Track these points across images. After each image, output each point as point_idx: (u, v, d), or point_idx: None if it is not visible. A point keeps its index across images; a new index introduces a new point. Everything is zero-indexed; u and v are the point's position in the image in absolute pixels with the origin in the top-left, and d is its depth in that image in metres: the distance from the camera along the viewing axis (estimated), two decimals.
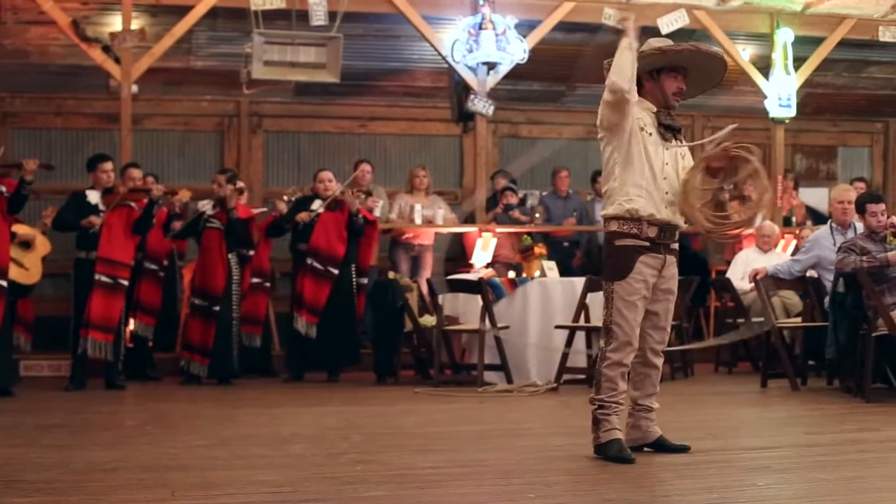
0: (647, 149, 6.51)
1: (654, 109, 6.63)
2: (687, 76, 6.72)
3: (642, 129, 6.51)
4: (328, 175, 12.10)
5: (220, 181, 11.70)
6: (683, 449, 6.67)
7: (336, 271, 11.77)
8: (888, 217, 9.99)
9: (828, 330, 10.18)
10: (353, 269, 11.94)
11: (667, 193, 6.54)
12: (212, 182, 11.89)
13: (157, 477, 5.98)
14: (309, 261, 11.83)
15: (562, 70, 14.85)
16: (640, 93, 6.59)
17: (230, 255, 11.55)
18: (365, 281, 12.10)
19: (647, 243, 6.51)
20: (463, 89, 13.67)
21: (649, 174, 6.50)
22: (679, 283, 11.62)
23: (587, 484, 5.78)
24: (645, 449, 6.70)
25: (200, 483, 5.80)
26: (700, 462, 6.42)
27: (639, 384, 6.77)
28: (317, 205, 11.91)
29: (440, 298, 11.34)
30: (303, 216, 11.83)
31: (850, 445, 7.17)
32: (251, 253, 11.95)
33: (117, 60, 12.65)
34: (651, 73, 6.64)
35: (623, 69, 6.31)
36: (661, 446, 6.71)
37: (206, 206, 11.66)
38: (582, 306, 10.65)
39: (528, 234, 12.99)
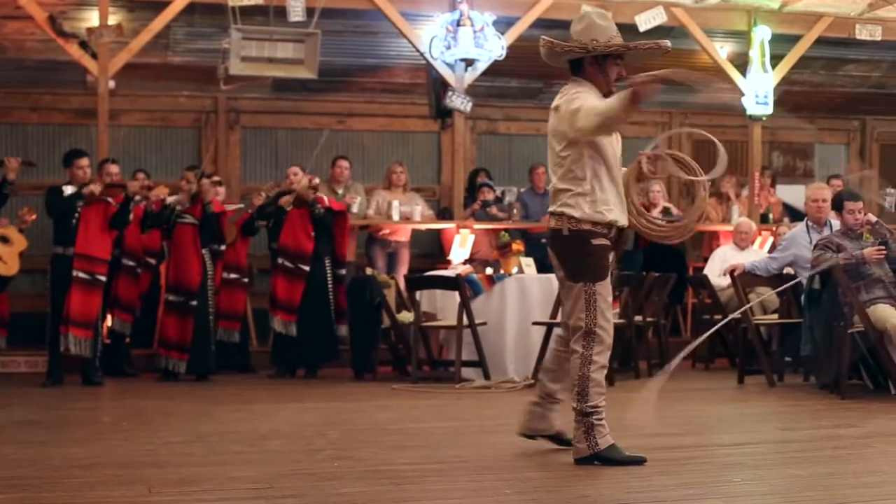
0: (612, 147, 6.46)
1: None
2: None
3: None
4: (294, 169, 12.18)
5: (189, 178, 11.68)
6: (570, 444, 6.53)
7: (307, 268, 11.77)
8: (864, 215, 10.03)
9: (802, 327, 10.22)
10: (328, 262, 11.91)
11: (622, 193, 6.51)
12: (181, 179, 11.82)
13: (133, 473, 5.97)
14: (280, 260, 11.86)
15: (540, 67, 14.73)
16: (581, 74, 6.49)
17: (203, 251, 11.52)
18: (343, 272, 12.07)
19: (610, 242, 6.45)
20: (441, 86, 13.66)
21: (616, 174, 6.43)
22: (656, 280, 11.77)
23: (563, 480, 5.80)
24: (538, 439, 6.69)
25: (177, 479, 5.80)
26: (676, 458, 6.45)
27: (561, 377, 6.61)
28: (284, 200, 11.93)
29: (417, 295, 11.34)
30: (284, 201, 11.84)
31: (826, 441, 7.21)
32: (223, 248, 11.90)
33: (94, 56, 12.60)
34: (597, 58, 6.50)
35: (623, 114, 6.17)
36: (559, 440, 6.66)
37: (175, 200, 11.59)
38: (559, 302, 10.64)
39: (506, 230, 12.99)
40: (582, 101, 6.25)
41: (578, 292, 6.31)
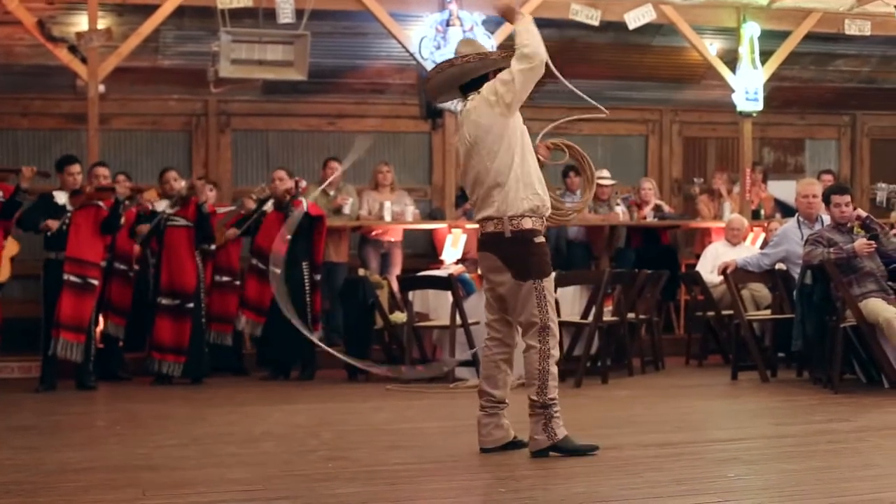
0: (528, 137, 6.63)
1: None
2: None
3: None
4: (280, 173, 12.08)
5: (171, 178, 11.65)
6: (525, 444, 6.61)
7: (278, 271, 11.73)
8: (854, 209, 10.04)
9: (794, 322, 10.23)
10: (306, 266, 11.86)
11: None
12: (163, 183, 11.75)
13: (127, 477, 5.98)
14: (254, 261, 11.87)
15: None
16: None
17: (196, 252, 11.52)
18: (319, 277, 12.01)
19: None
20: None
21: (535, 165, 6.61)
22: (648, 277, 11.78)
23: (557, 478, 5.80)
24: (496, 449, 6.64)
25: (171, 482, 5.80)
26: (670, 454, 6.46)
27: (503, 380, 6.69)
28: (269, 205, 11.93)
29: (410, 295, 11.34)
30: (229, 234, 11.99)
31: (820, 436, 7.23)
32: (213, 247, 11.87)
33: (84, 60, 12.59)
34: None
35: (538, 38, 6.46)
36: (514, 444, 6.66)
37: (162, 206, 11.56)
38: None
39: None
40: (496, 78, 6.55)
41: (533, 289, 6.46)
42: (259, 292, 11.81)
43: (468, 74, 6.66)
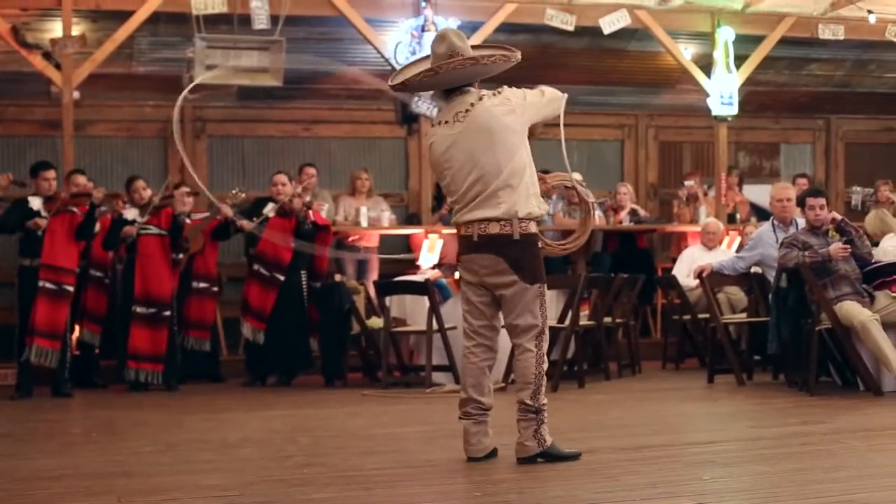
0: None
1: None
2: None
3: None
4: (282, 178, 12.05)
5: (139, 187, 11.61)
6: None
7: (282, 277, 11.74)
8: (829, 212, 10.08)
9: (769, 325, 10.26)
10: (304, 274, 11.88)
11: None
12: (132, 192, 11.69)
13: (102, 483, 5.96)
14: (255, 266, 11.83)
15: (505, 71, 14.87)
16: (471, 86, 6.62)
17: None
18: (318, 285, 12.04)
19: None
20: None
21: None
22: (625, 281, 11.81)
23: (532, 482, 5.81)
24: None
25: (146, 489, 5.79)
26: (646, 457, 6.47)
27: (487, 386, 6.64)
28: (269, 208, 11.89)
29: (387, 300, 11.34)
30: (244, 224, 11.81)
31: (794, 438, 7.24)
32: (181, 257, 11.80)
33: (58, 67, 12.57)
34: None
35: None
36: (493, 454, 6.59)
37: (132, 214, 11.50)
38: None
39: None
40: (525, 90, 6.59)
41: (536, 293, 6.44)
42: (261, 298, 11.78)
43: (468, 76, 6.55)
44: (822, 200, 10.06)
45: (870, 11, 14.00)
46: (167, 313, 11.33)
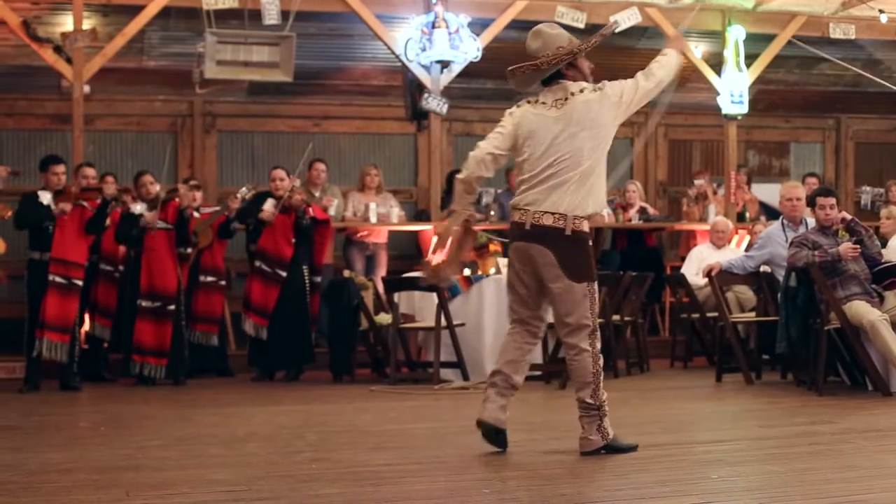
0: None
1: None
2: None
3: None
4: (280, 173, 12.04)
5: (146, 182, 11.61)
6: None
7: (284, 273, 11.75)
8: (839, 211, 10.06)
9: (778, 324, 10.24)
10: (306, 269, 11.90)
11: None
12: (139, 187, 11.70)
13: (110, 478, 5.96)
14: (257, 263, 11.85)
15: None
16: (562, 79, 6.64)
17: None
18: (318, 279, 12.07)
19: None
20: (417, 88, 13.66)
21: None
22: (633, 279, 11.80)
23: (542, 479, 5.80)
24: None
25: (154, 483, 5.79)
26: (654, 456, 6.47)
27: (523, 368, 6.81)
28: (269, 204, 11.88)
29: (395, 296, 11.33)
30: (266, 215, 11.80)
31: (803, 438, 7.24)
32: (188, 251, 11.81)
33: (69, 61, 12.57)
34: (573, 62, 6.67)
35: (675, 71, 6.84)
36: (501, 435, 6.70)
37: (139, 208, 11.50)
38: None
39: (484, 231, 13.00)
40: (623, 83, 6.63)
41: (585, 291, 6.51)
42: (264, 295, 11.79)
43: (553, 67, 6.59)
44: (832, 200, 10.04)
45: (881, 11, 13.95)
46: (172, 307, 11.34)
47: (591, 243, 6.59)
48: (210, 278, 12.20)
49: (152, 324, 11.30)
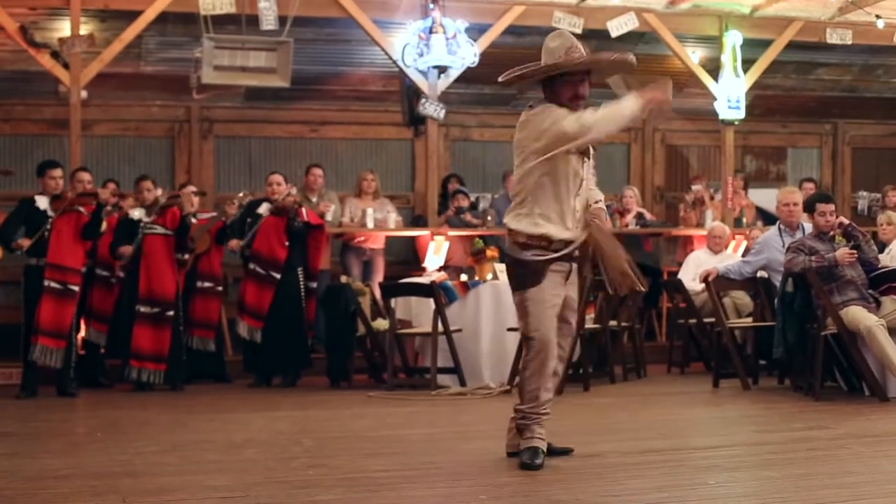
0: (568, 164, 6.57)
1: None
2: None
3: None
4: (277, 178, 12.05)
5: (145, 188, 11.60)
6: (566, 451, 6.68)
7: (278, 276, 11.74)
8: (836, 217, 10.07)
9: (775, 330, 10.25)
10: (301, 273, 11.89)
11: (577, 211, 6.65)
12: (138, 192, 11.69)
13: (108, 483, 5.97)
14: (251, 266, 11.84)
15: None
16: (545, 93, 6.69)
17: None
18: (314, 285, 12.06)
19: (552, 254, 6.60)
20: (414, 93, 13.67)
21: (564, 194, 6.57)
22: None
23: (538, 485, 5.81)
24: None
25: (152, 489, 5.79)
26: (651, 461, 6.47)
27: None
28: (264, 209, 11.89)
29: (392, 302, 11.33)
30: (232, 245, 11.88)
31: (800, 443, 7.24)
32: (186, 257, 11.82)
33: (66, 66, 12.56)
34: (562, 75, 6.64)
35: (616, 123, 6.63)
36: (550, 451, 6.61)
37: (138, 214, 11.51)
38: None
39: (480, 237, 13.01)
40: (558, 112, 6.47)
41: (518, 300, 6.70)
42: (258, 297, 11.78)
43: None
44: (832, 206, 10.04)
45: (878, 16, 13.97)
46: (170, 313, 11.33)
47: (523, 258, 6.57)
48: (207, 284, 12.19)
49: (151, 329, 11.29)
